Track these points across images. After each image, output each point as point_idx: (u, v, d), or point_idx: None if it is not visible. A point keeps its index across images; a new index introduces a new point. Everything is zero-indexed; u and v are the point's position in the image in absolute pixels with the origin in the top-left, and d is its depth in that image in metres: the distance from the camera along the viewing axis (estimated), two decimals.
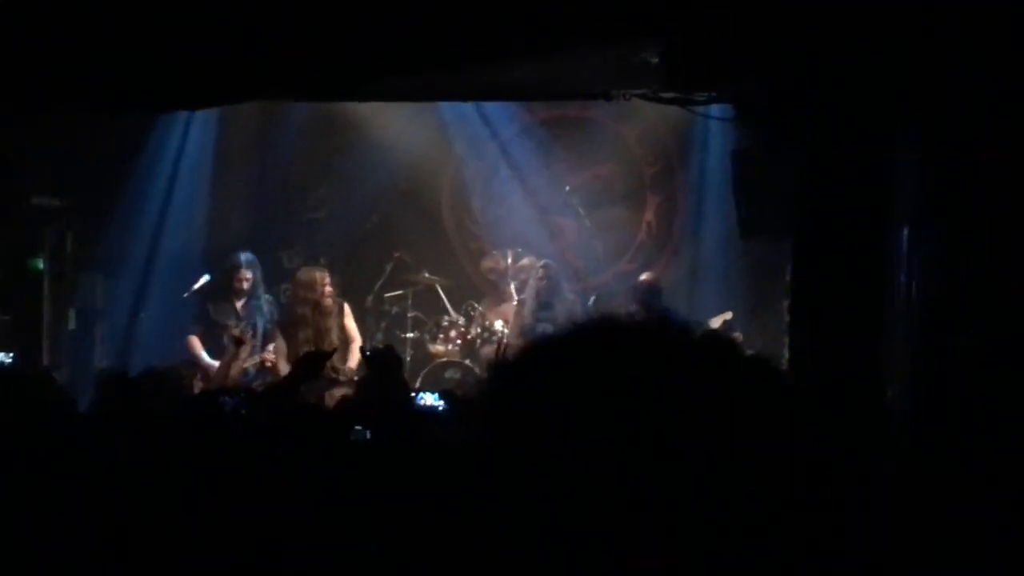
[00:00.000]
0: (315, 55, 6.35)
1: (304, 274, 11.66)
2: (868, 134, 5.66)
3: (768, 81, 5.67)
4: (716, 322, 10.85)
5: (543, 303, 12.10)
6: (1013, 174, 5.43)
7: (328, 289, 11.35)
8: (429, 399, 6.27)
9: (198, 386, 10.63)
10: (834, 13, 5.38)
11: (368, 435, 4.91)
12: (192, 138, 13.08)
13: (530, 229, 13.52)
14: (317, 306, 11.25)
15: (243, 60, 6.39)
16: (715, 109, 8.81)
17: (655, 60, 6.28)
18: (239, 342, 10.68)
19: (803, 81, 5.53)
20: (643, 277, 11.96)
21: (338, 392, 9.66)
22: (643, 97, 8.34)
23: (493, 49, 6.19)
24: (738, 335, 10.96)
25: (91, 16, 6.32)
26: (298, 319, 11.26)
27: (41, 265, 12.57)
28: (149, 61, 6.44)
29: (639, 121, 13.17)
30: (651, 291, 11.63)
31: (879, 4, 5.35)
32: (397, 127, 13.24)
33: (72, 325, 12.75)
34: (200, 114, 12.47)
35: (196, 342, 11.35)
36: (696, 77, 6.09)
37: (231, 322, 11.27)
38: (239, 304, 11.48)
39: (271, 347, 11.24)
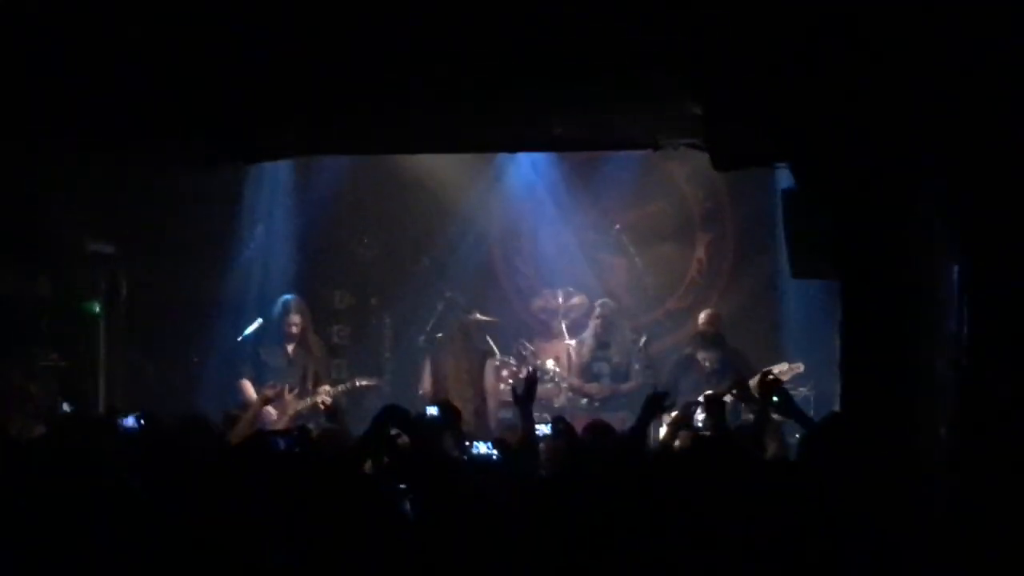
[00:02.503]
0: (367, 113, 6.43)
1: (477, 318, 12.07)
2: (912, 173, 5.67)
3: (807, 139, 5.70)
4: (779, 368, 10.68)
5: (601, 342, 12.15)
6: None
7: None
8: (483, 448, 6.27)
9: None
10: (865, 68, 5.43)
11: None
12: (246, 182, 13.16)
13: (580, 268, 13.52)
14: None
15: (296, 117, 6.48)
16: None
17: (699, 112, 6.32)
18: (266, 400, 10.76)
19: (842, 126, 5.55)
20: (703, 322, 11.87)
21: None
22: (692, 146, 8.38)
23: (544, 105, 6.25)
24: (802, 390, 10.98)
25: (149, 73, 6.43)
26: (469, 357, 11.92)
27: (97, 308, 12.68)
28: (207, 120, 6.54)
29: (688, 159, 13.12)
30: (717, 338, 11.61)
31: (903, 57, 5.39)
32: (446, 167, 13.27)
33: (150, 372, 12.88)
34: None
35: (248, 386, 11.42)
36: (738, 159, 6.17)
37: (283, 366, 11.40)
38: (290, 348, 11.57)
39: (324, 388, 11.29)
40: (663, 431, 9.04)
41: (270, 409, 11.10)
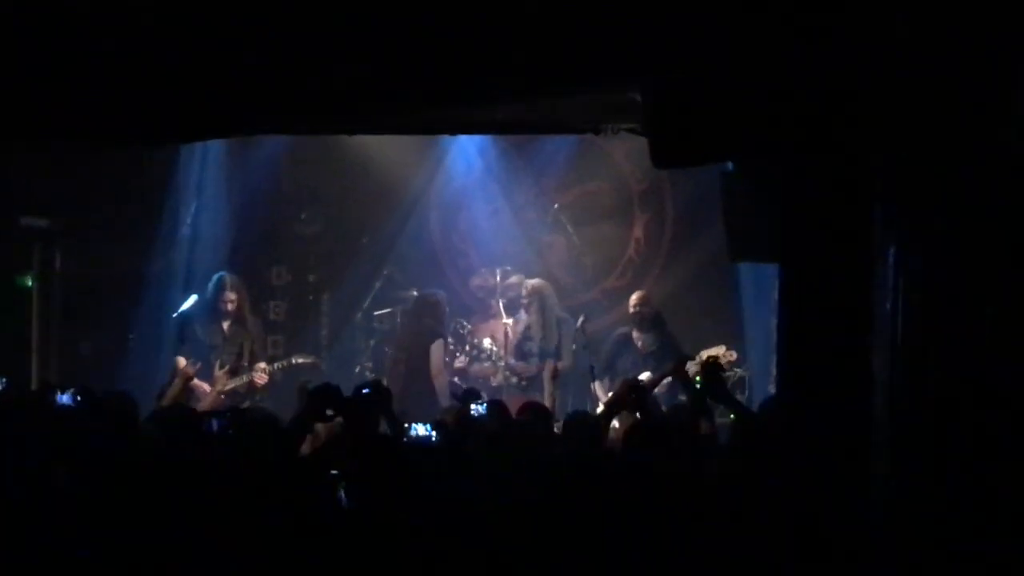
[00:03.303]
0: (304, 92, 6.38)
1: (437, 297, 12.02)
2: (849, 156, 5.70)
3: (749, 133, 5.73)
4: (716, 351, 10.56)
5: (533, 323, 12.15)
6: (993, 194, 5.46)
7: None
8: (421, 430, 6.27)
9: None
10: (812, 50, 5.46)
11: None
12: (181, 157, 13.05)
13: (519, 246, 13.52)
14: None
15: (235, 96, 6.41)
16: None
17: (639, 98, 6.33)
18: (187, 378, 10.65)
19: (784, 112, 5.58)
20: (635, 303, 11.83)
21: None
22: (632, 131, 8.38)
23: (482, 90, 6.23)
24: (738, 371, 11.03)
25: (86, 51, 6.34)
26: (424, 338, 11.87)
27: (30, 283, 12.57)
28: (142, 97, 6.47)
29: (627, 137, 13.12)
30: (655, 319, 11.61)
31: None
32: (386, 145, 13.19)
33: (85, 352, 12.76)
34: None
35: (183, 363, 11.29)
36: (678, 157, 6.20)
37: (219, 343, 11.30)
38: (225, 325, 11.46)
39: (260, 366, 11.23)
40: (599, 411, 9.04)
41: (204, 386, 11.03)
